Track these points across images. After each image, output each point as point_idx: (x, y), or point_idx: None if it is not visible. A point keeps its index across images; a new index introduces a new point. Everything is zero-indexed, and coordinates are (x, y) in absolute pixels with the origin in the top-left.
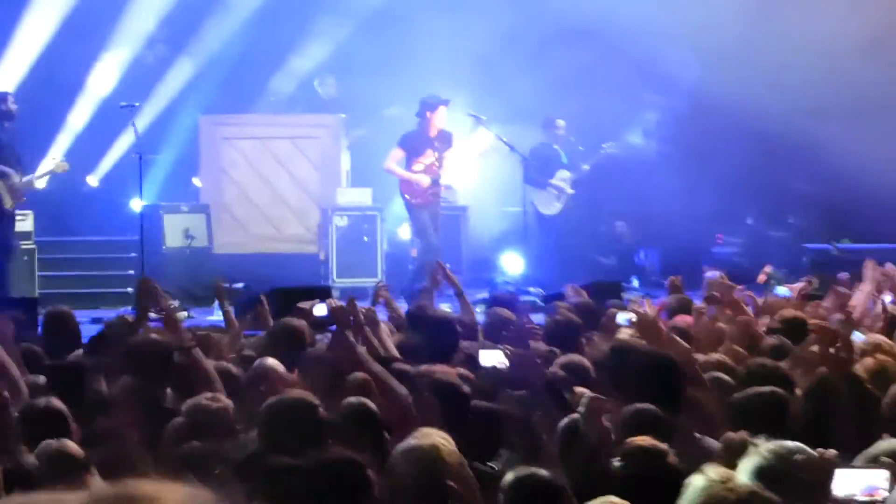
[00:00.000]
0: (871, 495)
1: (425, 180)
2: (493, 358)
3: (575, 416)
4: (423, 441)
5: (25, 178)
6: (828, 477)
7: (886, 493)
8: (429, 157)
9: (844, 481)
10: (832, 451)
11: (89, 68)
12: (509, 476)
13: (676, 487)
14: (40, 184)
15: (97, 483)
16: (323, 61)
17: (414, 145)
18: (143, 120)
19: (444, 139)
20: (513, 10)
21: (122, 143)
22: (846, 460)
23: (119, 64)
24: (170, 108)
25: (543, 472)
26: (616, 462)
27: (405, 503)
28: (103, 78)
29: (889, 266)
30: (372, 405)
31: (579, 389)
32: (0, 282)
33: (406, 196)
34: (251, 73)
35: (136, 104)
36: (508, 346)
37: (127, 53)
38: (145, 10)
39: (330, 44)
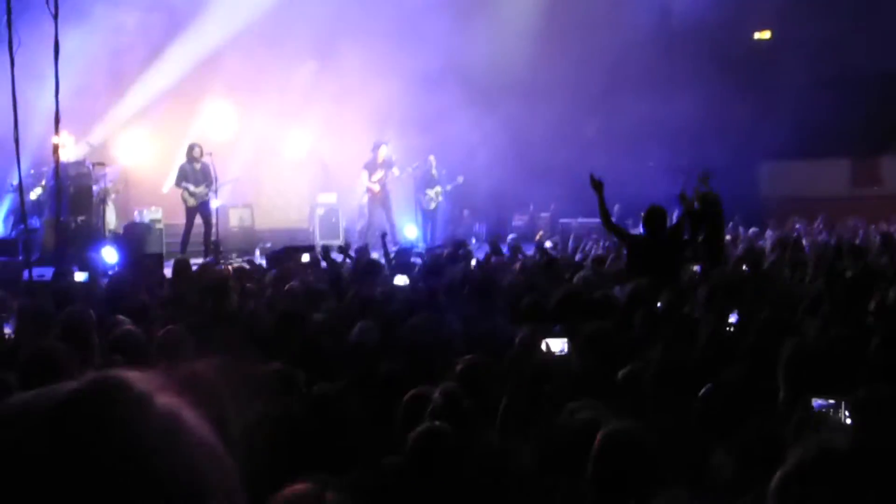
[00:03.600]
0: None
1: (376, 187)
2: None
3: None
4: None
5: (200, 189)
6: None
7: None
8: (378, 174)
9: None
10: None
11: None
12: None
13: None
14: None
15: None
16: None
17: (370, 168)
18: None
19: (387, 164)
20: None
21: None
22: None
23: None
24: None
25: None
26: None
27: None
28: None
29: None
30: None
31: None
32: (183, 243)
33: (368, 194)
34: None
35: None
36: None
37: None
38: None
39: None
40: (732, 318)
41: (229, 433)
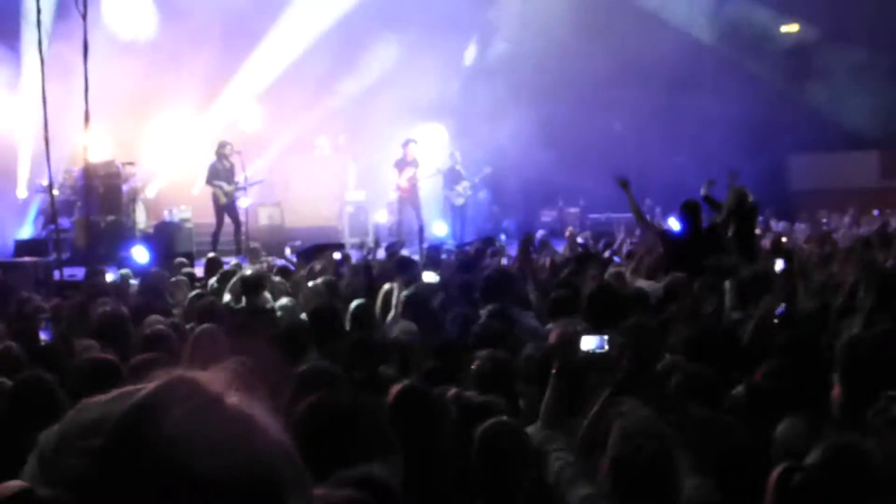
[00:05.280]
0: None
1: (406, 185)
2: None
3: None
4: None
5: (231, 187)
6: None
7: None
8: (408, 172)
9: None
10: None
11: None
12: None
13: None
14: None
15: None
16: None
17: (400, 166)
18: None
19: (415, 163)
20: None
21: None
22: None
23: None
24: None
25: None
26: None
27: None
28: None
29: None
30: None
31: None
32: (214, 241)
33: (398, 191)
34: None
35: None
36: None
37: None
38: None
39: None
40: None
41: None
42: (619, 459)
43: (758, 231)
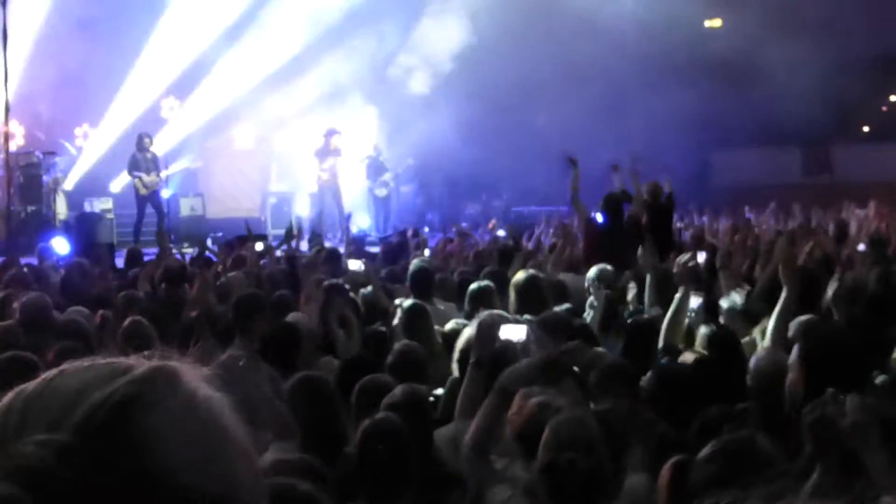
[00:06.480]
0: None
1: (325, 175)
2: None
3: None
4: None
5: (151, 178)
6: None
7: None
8: (329, 161)
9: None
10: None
11: None
12: None
13: None
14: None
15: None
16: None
17: (321, 155)
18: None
19: (337, 153)
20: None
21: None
22: None
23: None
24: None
25: None
26: None
27: None
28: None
29: None
30: None
31: None
32: (136, 232)
33: (318, 182)
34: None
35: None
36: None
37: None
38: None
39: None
40: (694, 304)
41: None
42: (551, 466)
43: (679, 225)
